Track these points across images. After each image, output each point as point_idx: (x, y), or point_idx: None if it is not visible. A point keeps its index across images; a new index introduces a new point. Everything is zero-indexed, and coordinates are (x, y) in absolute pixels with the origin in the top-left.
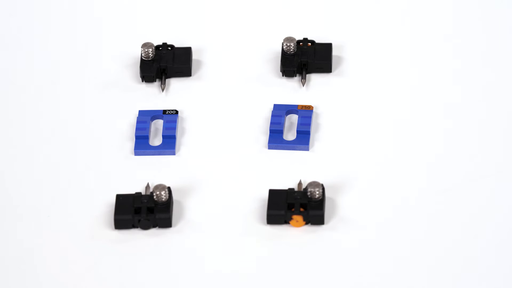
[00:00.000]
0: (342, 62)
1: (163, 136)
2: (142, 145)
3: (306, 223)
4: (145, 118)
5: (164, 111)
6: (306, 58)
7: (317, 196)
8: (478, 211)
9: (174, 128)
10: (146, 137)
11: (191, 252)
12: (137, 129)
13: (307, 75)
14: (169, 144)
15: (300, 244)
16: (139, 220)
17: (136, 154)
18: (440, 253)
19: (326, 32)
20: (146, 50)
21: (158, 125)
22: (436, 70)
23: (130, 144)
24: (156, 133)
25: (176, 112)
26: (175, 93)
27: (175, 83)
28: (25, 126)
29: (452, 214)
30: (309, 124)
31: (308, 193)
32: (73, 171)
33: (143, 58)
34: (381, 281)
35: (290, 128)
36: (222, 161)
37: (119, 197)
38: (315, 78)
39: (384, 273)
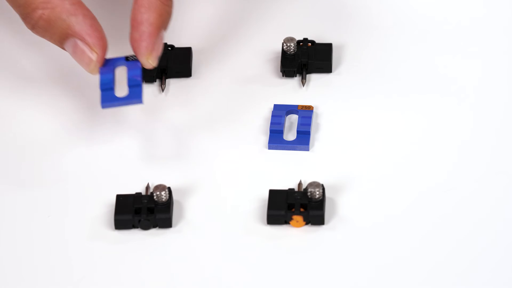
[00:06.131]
0: (342, 62)
1: (129, 86)
2: (108, 97)
3: (306, 223)
4: (108, 68)
5: (126, 57)
6: (306, 58)
7: (317, 196)
8: (480, 211)
9: (139, 76)
10: (112, 89)
11: (191, 252)
12: (101, 81)
13: (307, 75)
14: (135, 93)
15: (300, 244)
16: (139, 220)
17: (103, 107)
18: (442, 253)
19: (326, 32)
20: None
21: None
22: (437, 70)
23: (130, 144)
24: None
25: (135, 58)
26: (175, 93)
27: (175, 83)
28: (24, 126)
29: (454, 214)
30: (309, 124)
31: (308, 193)
32: (73, 171)
33: None
34: (382, 281)
35: (290, 128)
36: (222, 161)
37: (119, 197)
38: (315, 78)
39: (385, 273)
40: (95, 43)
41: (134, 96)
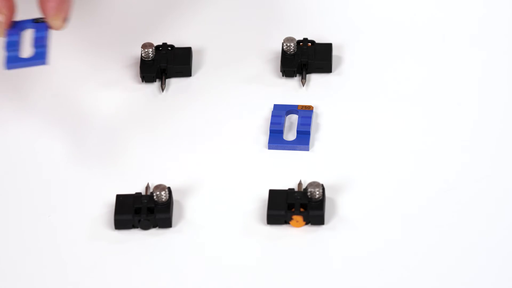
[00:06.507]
0: (342, 62)
1: (34, 47)
2: (13, 58)
3: (306, 223)
4: (15, 30)
5: (35, 20)
6: (306, 58)
7: (317, 196)
8: (480, 211)
9: (45, 37)
10: (17, 50)
11: (191, 252)
12: (7, 43)
13: (307, 75)
14: (40, 54)
15: (300, 244)
16: (139, 220)
17: (8, 68)
18: (442, 253)
19: (326, 32)
20: (146, 50)
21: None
22: (437, 70)
23: (130, 144)
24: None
25: (44, 20)
26: (175, 93)
27: (175, 83)
28: (24, 126)
29: (454, 214)
30: (309, 124)
31: (308, 193)
32: (73, 171)
33: (143, 58)
34: (382, 281)
35: (290, 128)
36: (222, 161)
37: (119, 197)
38: (315, 78)
39: (385, 273)
40: (2, 4)
41: (38, 57)
